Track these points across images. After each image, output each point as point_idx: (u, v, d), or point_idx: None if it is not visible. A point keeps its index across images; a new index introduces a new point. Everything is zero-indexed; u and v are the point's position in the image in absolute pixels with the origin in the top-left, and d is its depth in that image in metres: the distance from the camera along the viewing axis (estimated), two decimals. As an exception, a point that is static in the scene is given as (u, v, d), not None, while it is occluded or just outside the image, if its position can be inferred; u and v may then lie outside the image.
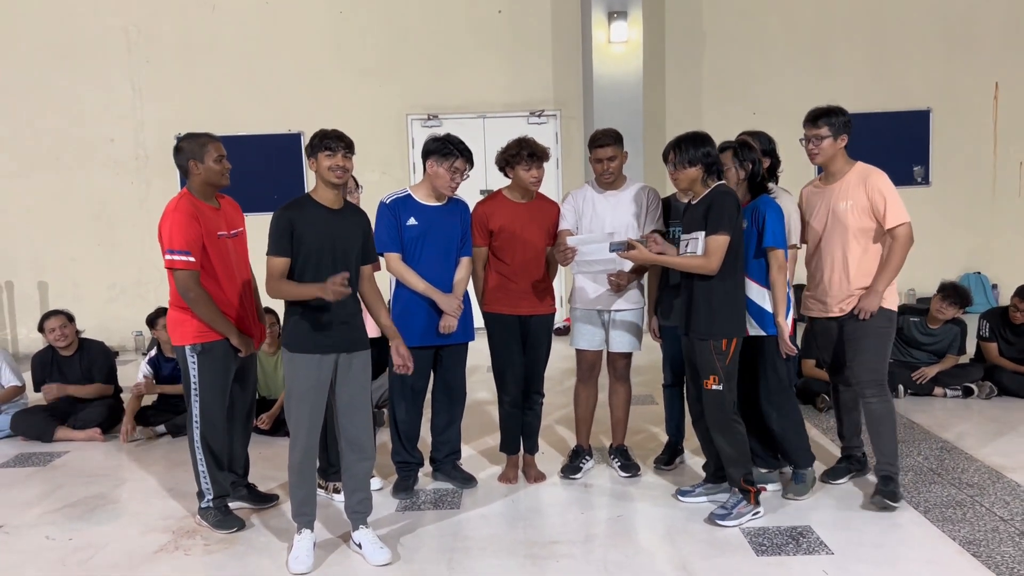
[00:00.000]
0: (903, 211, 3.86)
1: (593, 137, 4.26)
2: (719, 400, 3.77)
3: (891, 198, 3.85)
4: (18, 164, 8.79)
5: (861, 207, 3.90)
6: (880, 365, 3.92)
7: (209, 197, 3.89)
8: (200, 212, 3.78)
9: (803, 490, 4.09)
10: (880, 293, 3.89)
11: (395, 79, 8.93)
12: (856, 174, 3.94)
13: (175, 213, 3.73)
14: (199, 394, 3.84)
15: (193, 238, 3.70)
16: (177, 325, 3.85)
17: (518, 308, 4.27)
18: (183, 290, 3.71)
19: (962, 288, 5.80)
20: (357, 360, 3.54)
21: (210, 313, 3.75)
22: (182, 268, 3.69)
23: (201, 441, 3.87)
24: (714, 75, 9.13)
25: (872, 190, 3.89)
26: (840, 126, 3.94)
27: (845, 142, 3.97)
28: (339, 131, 3.49)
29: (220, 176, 3.86)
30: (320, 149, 3.42)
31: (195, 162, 3.81)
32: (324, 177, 3.45)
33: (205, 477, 3.91)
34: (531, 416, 4.45)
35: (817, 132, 3.96)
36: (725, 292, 3.75)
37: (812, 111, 4.01)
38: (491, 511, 4.06)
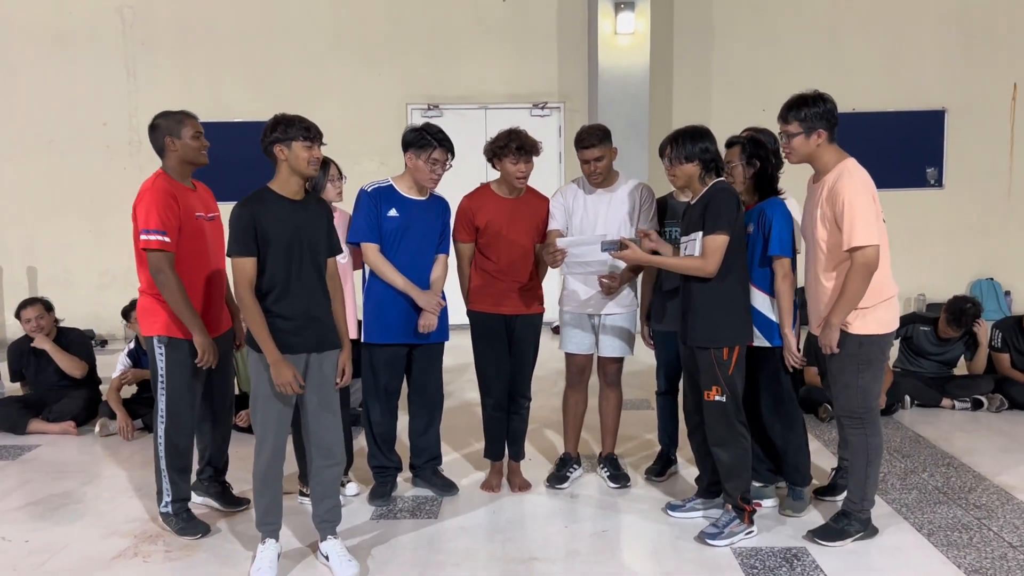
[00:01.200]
0: (869, 230, 3.23)
1: (578, 137, 4.03)
2: (722, 412, 3.55)
3: (856, 211, 3.23)
4: (9, 147, 8.61)
5: (826, 217, 3.37)
6: (856, 396, 3.45)
7: (185, 177, 3.73)
8: (177, 191, 3.62)
9: (800, 507, 3.88)
10: (835, 326, 3.38)
11: (396, 67, 8.72)
12: (834, 176, 3.37)
13: (152, 192, 3.56)
14: (166, 388, 3.66)
15: (170, 218, 3.54)
16: (147, 313, 3.67)
17: (501, 307, 4.06)
18: (154, 271, 3.53)
19: (968, 311, 5.49)
20: (327, 360, 3.34)
21: (179, 301, 3.54)
22: (157, 248, 3.51)
23: (165, 438, 3.68)
24: (723, 69, 8.89)
25: (835, 199, 3.30)
26: (814, 119, 3.36)
27: (824, 138, 3.38)
28: (308, 119, 3.27)
29: (198, 153, 3.69)
30: (296, 138, 3.21)
31: (172, 139, 3.65)
32: (299, 168, 3.24)
33: (165, 477, 3.71)
34: (517, 421, 4.24)
35: (787, 128, 3.43)
36: (725, 296, 3.53)
37: (785, 103, 3.46)
38: (470, 522, 3.86)
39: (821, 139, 3.39)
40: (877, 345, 3.45)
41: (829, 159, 3.42)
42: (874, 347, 3.44)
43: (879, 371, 3.49)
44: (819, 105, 3.38)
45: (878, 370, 3.49)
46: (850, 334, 3.40)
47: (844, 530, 3.54)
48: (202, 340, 3.60)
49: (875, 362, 3.46)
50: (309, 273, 3.27)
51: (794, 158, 3.50)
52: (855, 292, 3.33)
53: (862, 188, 3.31)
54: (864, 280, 3.31)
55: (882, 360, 3.50)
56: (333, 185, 4.01)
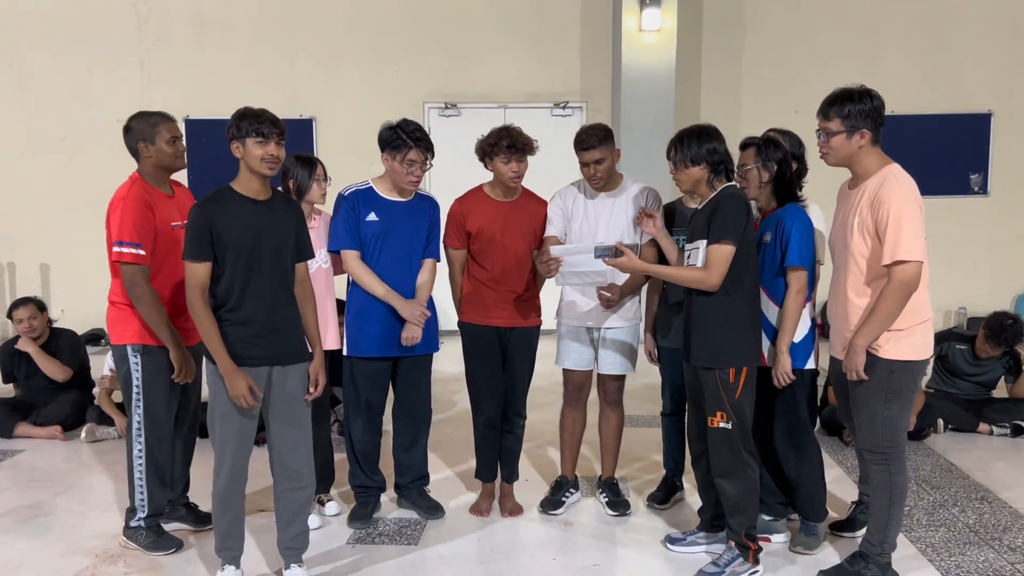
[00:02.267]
0: (914, 245, 2.89)
1: (577, 137, 3.72)
2: (727, 440, 3.23)
3: (903, 222, 2.89)
4: (23, 144, 8.53)
5: (867, 227, 3.03)
6: (881, 429, 3.08)
7: (162, 183, 3.55)
8: (153, 200, 3.43)
9: (814, 544, 3.54)
10: (861, 349, 3.01)
11: (413, 65, 8.47)
12: (876, 181, 3.03)
13: (127, 200, 3.38)
14: (142, 398, 3.46)
15: (145, 229, 3.36)
16: (117, 323, 3.49)
17: (490, 318, 3.78)
18: (129, 285, 3.36)
19: (1010, 328, 5.09)
20: (292, 374, 3.09)
21: (154, 315, 3.37)
22: (131, 262, 3.33)
23: (145, 451, 3.48)
24: (754, 69, 8.50)
25: (879, 206, 2.95)
26: (858, 117, 3.01)
27: (867, 139, 3.03)
28: (270, 113, 3.02)
29: (173, 159, 3.53)
30: (249, 134, 2.96)
31: (145, 143, 3.49)
32: (253, 167, 2.99)
33: (142, 491, 3.51)
34: (510, 440, 3.95)
35: (827, 126, 3.07)
36: (731, 312, 3.21)
37: (826, 97, 3.10)
38: (453, 550, 3.58)
39: (864, 140, 3.03)
40: (910, 373, 3.07)
41: (871, 163, 3.07)
42: (906, 375, 3.07)
43: (908, 403, 3.12)
44: (865, 102, 3.02)
45: (907, 401, 3.11)
46: (880, 358, 3.04)
47: (860, 574, 3.19)
48: (178, 355, 3.43)
49: (905, 392, 3.09)
50: (271, 279, 3.02)
51: (831, 159, 3.14)
52: (889, 313, 2.97)
53: (911, 197, 2.95)
54: (901, 300, 2.95)
55: (913, 391, 3.12)
56: (318, 185, 3.77)
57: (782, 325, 3.36)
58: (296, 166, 3.72)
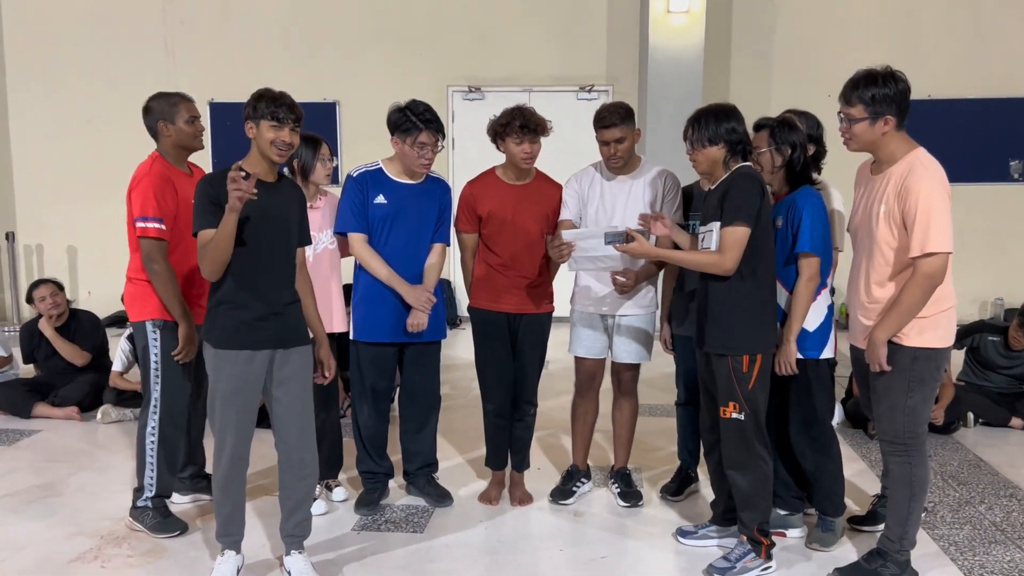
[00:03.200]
0: (944, 236, 2.76)
1: (597, 115, 3.61)
2: (740, 432, 3.12)
3: (932, 213, 2.76)
4: (50, 126, 8.61)
5: (892, 216, 2.89)
6: (902, 419, 2.97)
7: (181, 162, 3.56)
8: (174, 177, 3.46)
9: (831, 540, 3.42)
10: (882, 343, 2.90)
11: (437, 47, 8.38)
12: (903, 168, 2.87)
13: (149, 177, 3.40)
14: (160, 376, 3.45)
15: (167, 205, 3.38)
16: (136, 299, 3.48)
17: (500, 304, 3.69)
18: (147, 260, 3.36)
19: None
20: (295, 357, 3.02)
21: (169, 292, 3.38)
22: (154, 236, 3.34)
23: (158, 430, 3.47)
24: (785, 51, 8.27)
25: (906, 196, 2.82)
26: (882, 102, 2.84)
27: (891, 125, 2.86)
28: (289, 98, 2.93)
29: (192, 139, 3.53)
30: (264, 116, 2.87)
31: (165, 123, 3.49)
32: (263, 150, 2.91)
33: (152, 472, 3.50)
34: (521, 429, 3.88)
35: (848, 111, 2.91)
36: (745, 297, 3.09)
37: (849, 79, 2.93)
38: (459, 539, 3.51)
39: (888, 127, 2.88)
40: (933, 361, 2.95)
41: (896, 149, 2.91)
42: (930, 363, 2.94)
43: (931, 392, 3.00)
44: (890, 86, 2.85)
45: (930, 391, 2.99)
46: (903, 346, 2.91)
47: (877, 572, 3.07)
48: (187, 332, 3.41)
49: (928, 381, 2.96)
50: (275, 261, 2.96)
51: (853, 145, 2.99)
52: (912, 306, 2.84)
53: (939, 185, 2.81)
54: (926, 293, 2.83)
55: (936, 380, 3.00)
56: (323, 166, 3.70)
57: (791, 313, 3.23)
58: (300, 146, 3.65)
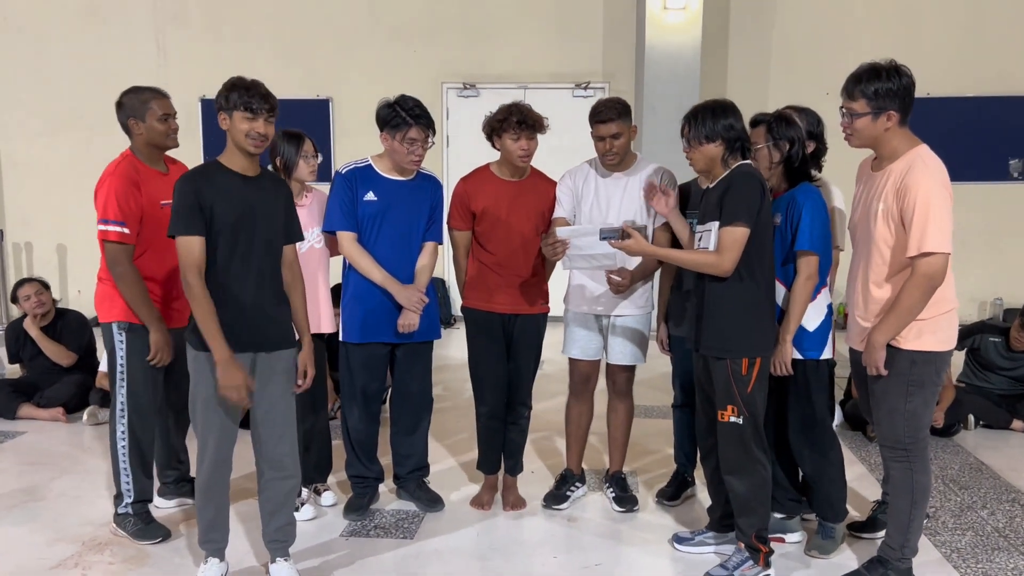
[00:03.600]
0: (942, 236, 2.68)
1: (593, 110, 3.52)
2: (738, 436, 3.04)
3: (931, 211, 2.68)
4: (41, 124, 8.49)
5: (891, 214, 2.81)
6: (902, 424, 2.89)
7: (154, 160, 3.44)
8: (142, 178, 3.34)
9: (830, 547, 3.34)
10: (881, 345, 2.83)
11: (431, 44, 8.28)
12: (903, 165, 2.80)
13: (113, 178, 3.29)
14: (126, 378, 3.37)
15: (131, 207, 3.27)
16: (104, 299, 3.41)
17: (493, 304, 3.61)
18: (111, 263, 3.28)
19: None
20: (279, 361, 2.94)
21: (135, 295, 3.29)
22: (115, 240, 3.26)
23: (128, 435, 3.38)
24: (783, 48, 8.20)
25: (905, 193, 2.74)
26: (885, 97, 2.77)
27: (894, 121, 2.80)
28: (263, 87, 2.83)
29: (165, 137, 3.41)
30: (237, 106, 2.78)
31: (136, 120, 3.37)
32: (238, 142, 2.82)
33: (127, 476, 3.42)
34: (514, 432, 3.79)
35: (851, 105, 2.84)
36: (744, 299, 3.02)
37: (852, 73, 2.86)
38: (449, 545, 3.43)
39: (891, 123, 2.80)
40: (932, 365, 2.87)
41: (898, 145, 2.84)
42: (928, 367, 2.87)
43: (931, 396, 2.92)
44: (893, 80, 2.77)
45: (930, 395, 2.91)
46: (901, 350, 2.84)
47: None
48: (158, 337, 3.32)
49: (928, 385, 2.88)
50: (259, 260, 2.87)
51: (855, 141, 2.91)
52: (911, 307, 2.76)
53: (940, 184, 2.73)
54: (925, 295, 2.75)
55: (937, 383, 2.92)
56: (306, 163, 3.61)
57: (788, 313, 3.16)
58: (283, 142, 3.56)
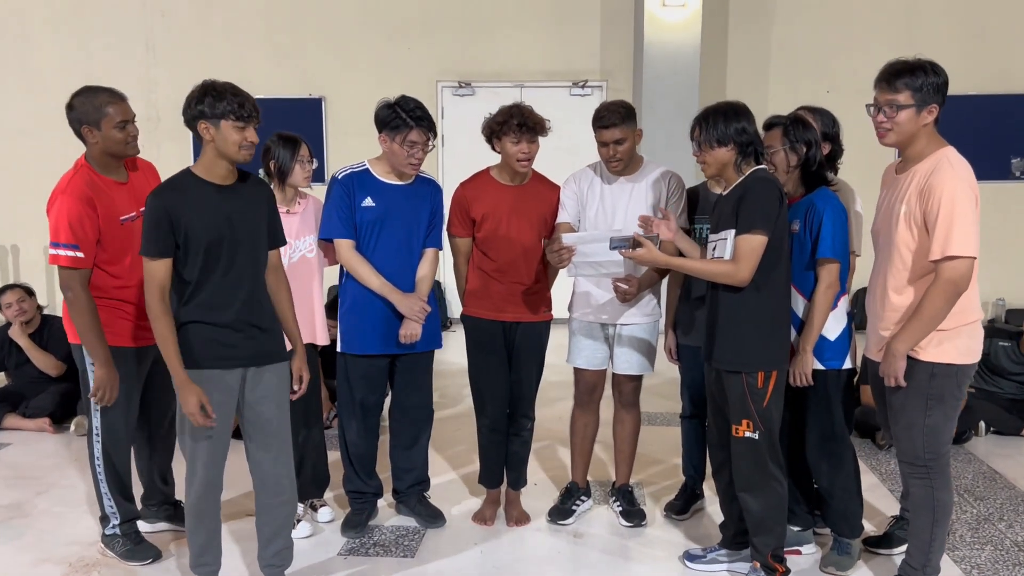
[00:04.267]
0: (967, 239, 2.58)
1: (596, 114, 3.40)
2: (753, 452, 2.92)
3: (956, 214, 2.58)
4: (25, 122, 8.30)
5: (913, 216, 2.70)
6: (921, 439, 2.78)
7: (112, 170, 3.15)
8: (98, 192, 3.06)
9: (847, 564, 3.22)
10: (901, 355, 2.70)
11: (425, 42, 8.13)
12: (928, 166, 2.70)
13: (65, 196, 3.00)
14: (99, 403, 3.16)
15: (85, 230, 2.99)
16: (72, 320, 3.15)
17: (501, 313, 3.48)
18: (63, 287, 3.03)
19: None
20: (270, 375, 2.80)
21: (85, 324, 3.02)
22: (67, 265, 2.98)
23: (103, 458, 3.22)
24: (784, 46, 8.07)
25: (929, 195, 2.64)
26: (930, 91, 2.67)
27: (935, 115, 2.70)
28: (244, 91, 2.66)
29: (123, 146, 3.12)
30: (226, 115, 2.61)
31: (90, 128, 3.06)
32: (227, 153, 2.65)
33: (109, 499, 3.26)
34: (517, 444, 3.66)
35: (893, 98, 2.70)
36: (761, 310, 2.90)
37: (888, 66, 2.75)
38: (452, 565, 3.30)
39: (931, 117, 2.70)
40: (954, 378, 2.75)
41: (925, 145, 2.74)
42: (949, 380, 2.75)
43: (952, 411, 2.80)
44: (938, 74, 2.70)
45: (951, 409, 2.79)
46: (920, 361, 2.72)
47: None
48: (102, 373, 3.06)
49: (948, 399, 2.77)
50: (244, 272, 2.72)
51: (892, 137, 2.76)
52: (935, 315, 2.64)
53: (965, 185, 2.62)
54: (949, 301, 2.63)
55: (958, 397, 2.80)
56: (302, 167, 3.47)
57: (809, 322, 3.04)
58: (278, 146, 3.42)
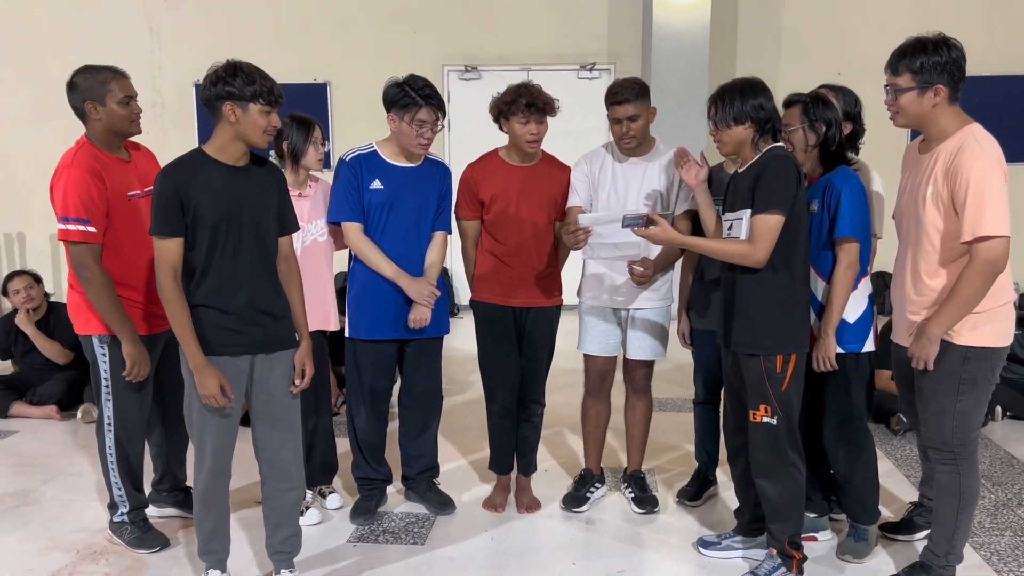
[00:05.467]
0: (999, 218, 2.51)
1: (610, 91, 3.33)
2: (771, 437, 2.86)
3: (986, 192, 2.50)
4: (29, 110, 8.26)
5: (940, 197, 2.63)
6: (951, 425, 2.72)
7: (114, 148, 3.11)
8: (104, 167, 3.01)
9: (864, 551, 3.16)
10: (936, 338, 2.64)
11: (431, 25, 8.04)
12: (953, 145, 2.62)
13: (71, 169, 2.95)
14: (111, 392, 3.13)
15: (95, 202, 2.94)
16: (81, 310, 3.10)
17: (511, 298, 3.42)
18: (77, 266, 2.97)
19: None
20: (279, 363, 2.75)
21: (104, 301, 2.97)
22: (78, 240, 2.92)
23: (115, 448, 3.18)
24: (795, 27, 7.96)
25: (956, 175, 2.56)
26: (932, 71, 2.61)
27: (942, 96, 2.62)
28: (266, 74, 2.61)
29: (128, 123, 3.08)
30: (255, 99, 2.55)
31: (93, 104, 3.01)
32: (251, 137, 2.60)
33: (119, 488, 3.23)
34: (527, 430, 3.61)
35: (894, 81, 2.67)
36: (778, 292, 2.83)
37: (898, 47, 2.69)
38: (462, 551, 3.26)
39: (939, 98, 2.63)
40: (988, 362, 2.69)
41: (947, 124, 2.66)
42: (983, 364, 2.68)
43: (983, 396, 2.73)
44: (941, 53, 2.62)
45: (983, 394, 2.73)
46: (953, 344, 2.65)
47: None
48: (132, 349, 3.02)
49: (981, 383, 2.70)
50: (252, 257, 2.67)
51: (900, 120, 2.72)
52: (970, 297, 2.58)
53: (995, 164, 2.55)
54: (986, 282, 2.57)
55: (990, 381, 2.73)
56: (315, 150, 3.41)
57: (829, 304, 2.97)
58: (291, 128, 3.36)
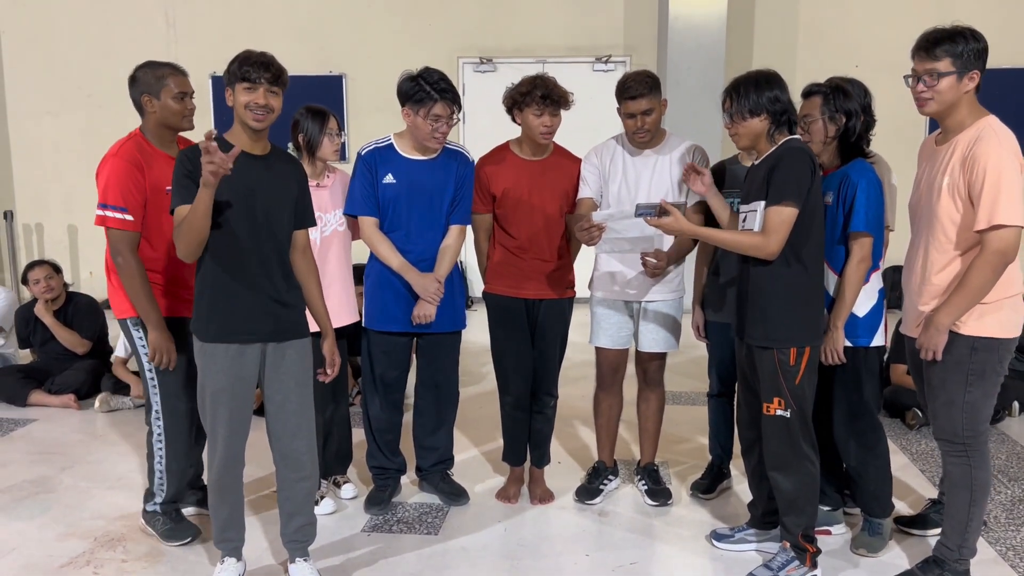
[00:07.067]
0: (1012, 208, 2.51)
1: (622, 85, 3.31)
2: (785, 430, 2.86)
3: (1002, 182, 2.51)
4: (48, 101, 8.35)
5: (957, 188, 2.63)
6: (960, 416, 2.72)
7: (166, 143, 3.16)
8: (148, 160, 3.07)
9: (878, 544, 3.16)
10: (945, 328, 2.64)
11: (446, 17, 8.06)
12: (970, 136, 2.62)
13: (116, 160, 3.04)
14: (156, 378, 3.15)
15: (133, 193, 3.01)
16: (120, 292, 3.15)
17: (522, 290, 3.43)
18: (112, 251, 3.04)
19: None
20: (292, 351, 2.76)
21: (136, 288, 3.02)
22: (116, 227, 3.00)
23: (164, 437, 3.20)
24: (812, 19, 7.92)
25: (973, 165, 2.57)
26: (971, 57, 2.60)
27: (976, 82, 2.62)
28: (266, 56, 2.64)
29: (180, 118, 3.14)
30: (237, 79, 2.61)
31: (150, 98, 3.09)
32: (240, 117, 2.64)
33: (162, 479, 3.25)
34: (540, 422, 3.62)
35: (933, 66, 2.62)
36: (792, 284, 2.82)
37: (926, 34, 2.66)
38: (475, 542, 3.27)
39: (972, 85, 2.63)
40: (995, 353, 2.68)
41: (967, 115, 2.67)
42: (991, 354, 2.68)
43: (992, 387, 2.72)
44: (979, 40, 2.62)
45: (991, 386, 2.72)
46: (961, 335, 2.66)
47: None
48: (156, 335, 3.06)
49: (989, 374, 2.70)
50: (265, 245, 2.68)
51: (932, 107, 2.68)
52: (981, 285, 2.58)
53: (1011, 155, 2.56)
54: (996, 272, 2.57)
55: (999, 373, 2.72)
56: (331, 141, 3.41)
57: (840, 298, 2.97)
58: (306, 119, 3.37)
